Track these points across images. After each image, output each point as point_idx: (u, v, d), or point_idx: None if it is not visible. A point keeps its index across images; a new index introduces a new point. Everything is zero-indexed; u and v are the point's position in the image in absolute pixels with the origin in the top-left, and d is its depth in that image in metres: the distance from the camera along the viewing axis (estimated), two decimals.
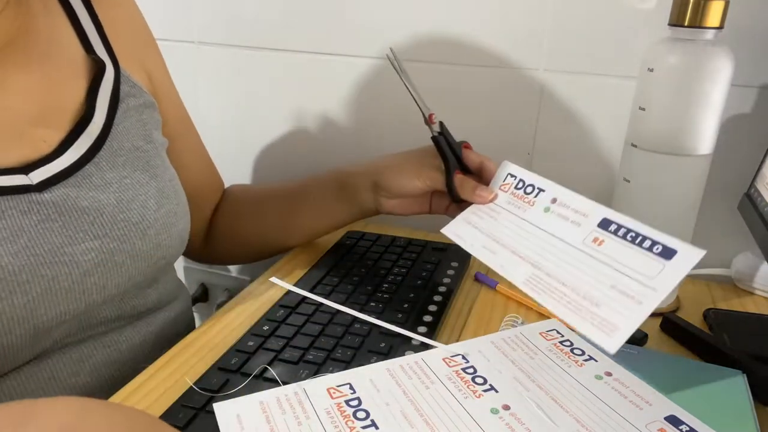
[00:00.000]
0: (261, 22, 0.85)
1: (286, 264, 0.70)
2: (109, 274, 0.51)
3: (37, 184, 0.48)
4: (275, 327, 0.54)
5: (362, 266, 0.67)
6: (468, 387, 0.45)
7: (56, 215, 0.48)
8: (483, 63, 0.76)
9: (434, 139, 0.61)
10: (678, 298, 0.65)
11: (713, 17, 0.53)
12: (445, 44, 0.76)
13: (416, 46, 0.77)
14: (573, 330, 0.53)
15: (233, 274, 1.00)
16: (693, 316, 0.61)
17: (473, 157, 0.61)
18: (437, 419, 0.42)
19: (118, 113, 0.56)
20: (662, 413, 0.43)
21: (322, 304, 0.58)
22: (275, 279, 0.64)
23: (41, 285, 0.46)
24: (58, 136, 0.52)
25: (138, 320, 0.58)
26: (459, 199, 0.61)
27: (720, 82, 0.54)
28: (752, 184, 0.62)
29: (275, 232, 0.72)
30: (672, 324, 0.58)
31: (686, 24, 0.54)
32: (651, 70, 0.56)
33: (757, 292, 0.68)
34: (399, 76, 0.59)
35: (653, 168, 0.58)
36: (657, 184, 0.58)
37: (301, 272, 0.66)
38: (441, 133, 0.61)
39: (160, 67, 0.66)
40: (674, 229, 0.45)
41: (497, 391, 0.45)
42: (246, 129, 0.92)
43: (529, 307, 0.61)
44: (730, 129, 0.66)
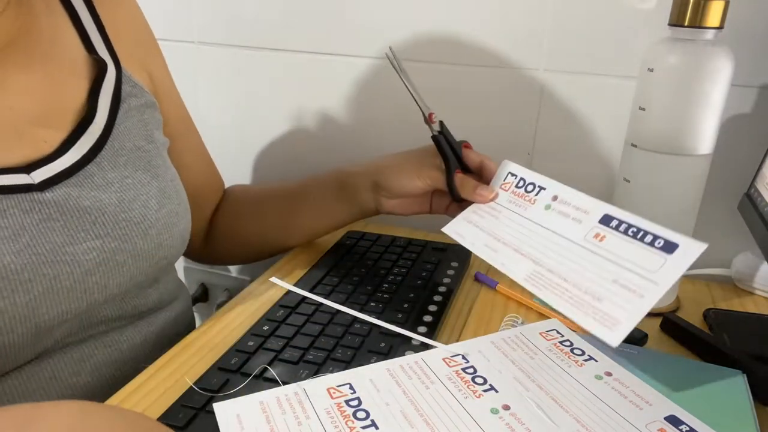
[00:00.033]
0: (261, 22, 0.85)
1: (286, 264, 0.70)
2: (111, 274, 0.51)
3: (39, 184, 0.48)
4: (275, 327, 0.54)
5: (362, 266, 0.67)
6: (468, 387, 0.45)
7: (58, 214, 0.48)
8: (483, 63, 0.76)
9: (434, 138, 0.61)
10: (678, 298, 0.65)
11: (713, 17, 0.53)
12: (445, 44, 0.76)
13: (416, 46, 0.77)
14: (574, 325, 0.53)
15: (233, 274, 1.00)
16: (693, 316, 0.61)
17: (473, 157, 0.62)
18: (437, 419, 0.42)
19: (120, 113, 0.56)
20: (662, 413, 0.43)
21: (322, 304, 0.58)
22: (275, 279, 0.64)
23: (43, 284, 0.46)
24: (60, 136, 0.52)
25: (139, 320, 0.58)
26: (460, 199, 0.61)
27: (720, 82, 0.54)
28: (752, 184, 0.62)
29: (275, 232, 0.73)
30: (672, 324, 0.58)
31: (686, 24, 0.54)
32: (651, 70, 0.56)
33: (757, 292, 0.68)
34: (398, 75, 0.59)
35: (653, 168, 0.58)
36: (657, 184, 0.58)
37: (301, 272, 0.66)
38: (441, 132, 0.61)
39: (161, 68, 0.66)
40: (674, 229, 0.46)
41: (497, 391, 0.45)
42: (246, 129, 0.92)
43: (529, 307, 0.61)
44: (730, 129, 0.66)
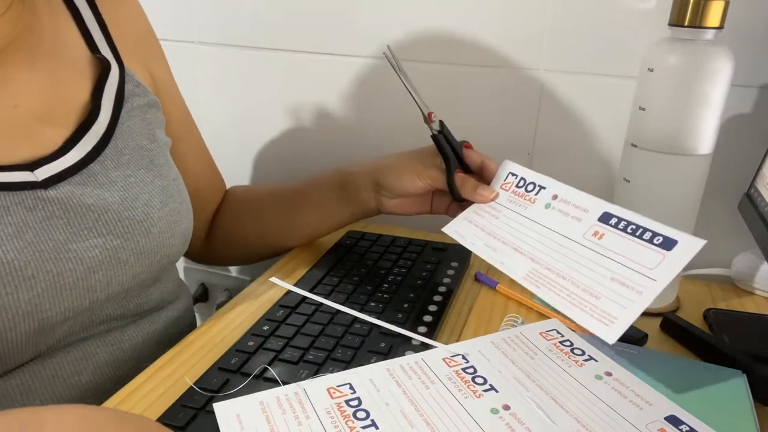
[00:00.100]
0: (261, 22, 0.85)
1: (286, 264, 0.70)
2: (114, 272, 0.51)
3: (43, 181, 0.48)
4: (275, 327, 0.54)
5: (362, 266, 0.67)
6: (468, 387, 0.45)
7: (61, 212, 0.49)
8: (483, 63, 0.76)
9: (434, 137, 0.61)
10: (678, 298, 0.65)
11: (713, 17, 0.53)
12: (445, 44, 0.76)
13: (416, 46, 0.77)
14: (574, 325, 0.53)
15: (233, 274, 1.00)
16: (693, 316, 0.61)
17: (474, 157, 0.62)
18: (437, 419, 0.42)
19: (123, 112, 0.56)
20: (662, 413, 0.43)
21: (322, 304, 0.58)
22: (275, 279, 0.64)
23: (46, 281, 0.46)
24: (64, 135, 0.52)
25: (141, 319, 0.58)
26: (460, 198, 0.61)
27: (720, 82, 0.54)
28: (752, 184, 0.62)
29: (276, 233, 0.72)
30: (672, 324, 0.58)
31: (686, 24, 0.54)
32: (651, 70, 0.56)
33: (757, 292, 0.68)
34: (396, 74, 0.59)
35: (653, 168, 0.58)
36: (657, 184, 0.58)
37: (301, 272, 0.66)
38: (441, 132, 0.61)
39: (163, 68, 0.67)
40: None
41: (497, 391, 0.45)
42: (246, 129, 0.92)
43: (529, 307, 0.61)
44: (730, 129, 0.66)
